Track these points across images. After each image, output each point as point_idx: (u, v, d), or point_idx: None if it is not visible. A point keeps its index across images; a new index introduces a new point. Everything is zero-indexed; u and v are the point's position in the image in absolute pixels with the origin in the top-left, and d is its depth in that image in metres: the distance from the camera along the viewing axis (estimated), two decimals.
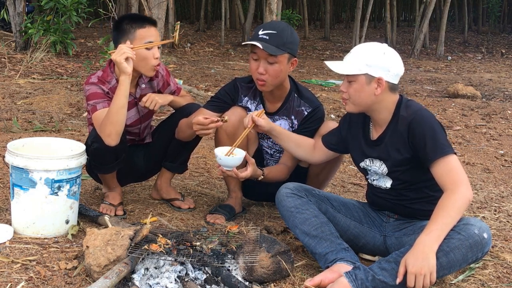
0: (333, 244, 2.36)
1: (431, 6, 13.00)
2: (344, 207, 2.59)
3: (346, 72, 2.33)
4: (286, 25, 2.78)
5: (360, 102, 2.36)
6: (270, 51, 2.65)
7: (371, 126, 2.49)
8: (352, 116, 2.57)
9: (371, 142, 2.48)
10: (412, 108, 2.37)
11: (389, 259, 2.21)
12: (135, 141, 3.08)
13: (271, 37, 2.68)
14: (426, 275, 2.08)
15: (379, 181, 2.50)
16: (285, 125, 2.90)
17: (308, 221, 2.43)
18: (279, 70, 2.72)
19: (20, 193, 2.55)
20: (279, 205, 2.53)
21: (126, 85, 2.66)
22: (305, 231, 2.41)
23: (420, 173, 2.37)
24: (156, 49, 2.80)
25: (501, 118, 6.47)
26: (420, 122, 2.30)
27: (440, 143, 2.25)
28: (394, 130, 2.38)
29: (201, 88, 7.39)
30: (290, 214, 2.47)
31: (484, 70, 11.72)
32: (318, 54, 13.55)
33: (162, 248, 2.22)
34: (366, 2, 14.65)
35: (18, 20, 8.86)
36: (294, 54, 2.76)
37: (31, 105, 5.73)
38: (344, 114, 2.67)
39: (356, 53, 2.35)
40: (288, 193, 2.51)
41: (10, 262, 2.32)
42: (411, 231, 2.44)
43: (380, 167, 2.45)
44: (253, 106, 2.93)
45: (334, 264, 2.29)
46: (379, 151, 2.44)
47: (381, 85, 2.31)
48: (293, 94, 2.90)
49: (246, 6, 17.58)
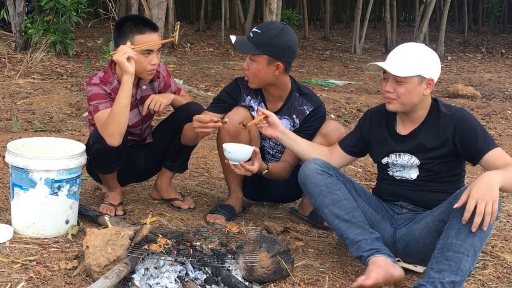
0: (366, 232, 2.32)
1: (431, 6, 13.00)
2: (364, 193, 2.57)
3: (403, 74, 2.34)
4: (277, 28, 2.75)
5: (409, 101, 2.40)
6: (241, 49, 2.74)
7: (398, 122, 2.54)
8: (372, 115, 2.62)
9: (400, 137, 2.51)
10: (452, 106, 2.49)
11: (438, 259, 2.15)
12: (136, 141, 3.08)
13: (254, 35, 2.74)
14: (489, 202, 2.08)
15: (403, 172, 2.53)
16: (287, 124, 2.90)
17: (339, 203, 2.37)
18: (256, 69, 2.76)
19: (20, 193, 2.55)
20: (306, 180, 2.43)
21: (128, 85, 2.66)
22: (336, 213, 2.36)
23: (448, 166, 2.47)
24: (154, 55, 2.78)
25: (501, 118, 6.47)
26: (467, 120, 2.40)
27: (489, 137, 2.39)
28: (431, 126, 2.45)
29: (201, 88, 7.39)
30: (320, 192, 2.40)
31: (484, 70, 11.72)
32: (318, 54, 13.55)
33: (162, 248, 2.22)
34: (366, 2, 14.65)
35: (18, 20, 8.86)
36: (277, 57, 2.73)
37: (31, 105, 5.73)
38: (364, 114, 2.68)
39: (406, 54, 2.37)
40: (318, 169, 2.42)
41: (10, 262, 2.31)
42: (420, 218, 2.45)
43: (410, 160, 2.49)
44: (255, 104, 2.94)
45: (374, 258, 2.24)
46: (411, 145, 2.48)
47: (431, 85, 2.40)
48: (294, 94, 2.91)
49: (246, 6, 17.60)
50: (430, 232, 2.37)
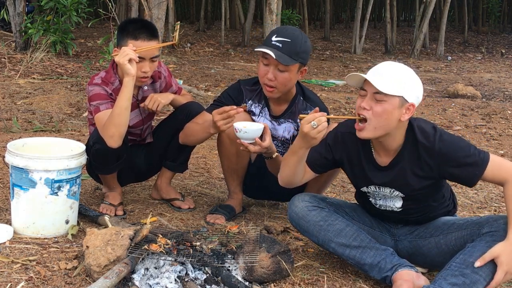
0: (379, 251, 2.28)
1: (431, 6, 13.00)
2: (356, 213, 2.50)
3: (385, 91, 2.11)
4: (300, 33, 2.74)
5: (383, 125, 2.16)
6: (282, 61, 2.61)
7: (374, 151, 2.32)
8: (344, 137, 2.37)
9: (380, 168, 2.31)
10: (427, 132, 2.22)
11: (454, 272, 2.10)
12: (136, 141, 3.08)
13: (284, 45, 2.64)
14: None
15: (386, 201, 2.38)
16: (290, 128, 2.89)
17: (343, 232, 2.33)
18: (288, 78, 2.69)
19: (20, 193, 2.55)
20: (301, 220, 2.38)
21: (129, 87, 2.66)
22: (343, 243, 2.32)
23: (433, 191, 2.33)
24: (146, 63, 2.76)
25: (501, 118, 6.47)
26: (448, 148, 2.18)
27: (476, 155, 2.18)
28: (411, 157, 2.24)
29: (201, 88, 7.39)
30: (320, 228, 2.35)
31: (484, 70, 11.71)
32: (318, 54, 13.55)
33: (162, 248, 2.22)
34: (366, 2, 14.64)
35: (18, 20, 8.85)
36: (305, 63, 2.74)
37: (31, 105, 5.73)
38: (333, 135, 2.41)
39: (390, 72, 2.16)
40: (309, 206, 2.38)
41: (10, 262, 2.32)
42: (426, 234, 2.40)
43: (393, 193, 2.34)
44: (257, 109, 2.91)
45: (398, 273, 2.21)
46: (391, 177, 2.29)
47: (410, 111, 2.17)
48: (299, 97, 2.88)
49: (246, 6, 17.57)
50: (442, 253, 2.33)
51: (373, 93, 2.15)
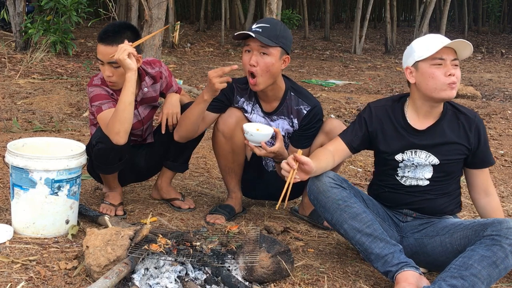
0: (389, 245, 2.28)
1: (431, 6, 12.99)
2: (371, 202, 2.53)
3: (469, 54, 2.37)
4: (279, 22, 2.81)
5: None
6: (262, 40, 2.65)
7: (408, 116, 2.47)
8: (377, 110, 2.54)
9: (417, 132, 2.44)
10: (467, 108, 2.51)
11: (454, 274, 2.11)
12: (137, 141, 3.09)
13: (264, 30, 2.70)
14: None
15: (416, 172, 2.46)
16: (285, 125, 2.89)
17: (358, 216, 2.32)
18: (270, 63, 2.70)
19: (20, 193, 2.55)
20: (320, 195, 2.37)
21: (132, 82, 2.65)
22: (356, 228, 2.31)
23: (459, 167, 2.50)
24: (105, 67, 2.74)
25: (501, 118, 6.47)
26: (483, 128, 2.46)
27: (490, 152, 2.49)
28: (450, 124, 2.44)
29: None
30: (337, 207, 2.34)
31: (484, 70, 11.71)
32: (318, 54, 13.55)
33: (162, 248, 2.22)
34: (366, 2, 14.65)
35: (18, 20, 8.86)
36: (287, 50, 2.76)
37: (31, 105, 5.73)
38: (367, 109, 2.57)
39: None
40: (332, 182, 2.37)
41: (10, 262, 2.31)
42: (433, 232, 2.42)
43: (428, 159, 2.43)
44: (249, 107, 2.92)
45: (403, 273, 2.20)
46: (430, 141, 2.43)
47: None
48: (289, 93, 2.88)
49: (246, 6, 17.58)
50: (446, 252, 2.35)
51: (454, 60, 2.37)
